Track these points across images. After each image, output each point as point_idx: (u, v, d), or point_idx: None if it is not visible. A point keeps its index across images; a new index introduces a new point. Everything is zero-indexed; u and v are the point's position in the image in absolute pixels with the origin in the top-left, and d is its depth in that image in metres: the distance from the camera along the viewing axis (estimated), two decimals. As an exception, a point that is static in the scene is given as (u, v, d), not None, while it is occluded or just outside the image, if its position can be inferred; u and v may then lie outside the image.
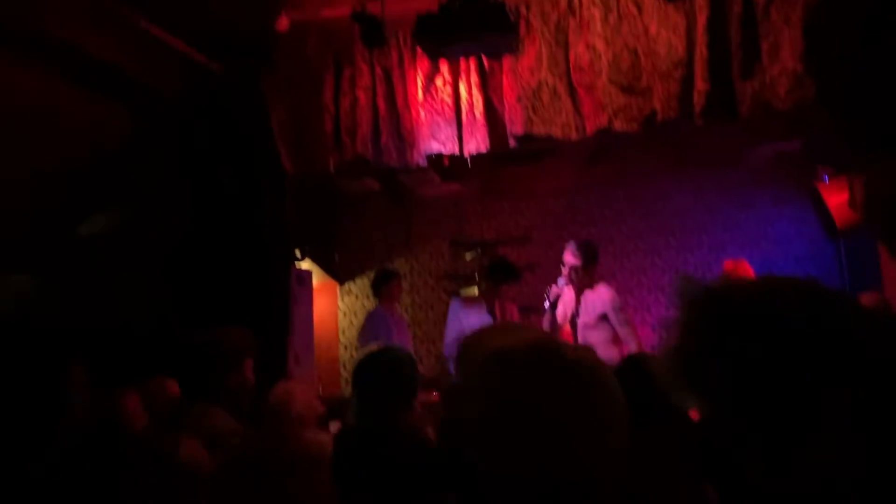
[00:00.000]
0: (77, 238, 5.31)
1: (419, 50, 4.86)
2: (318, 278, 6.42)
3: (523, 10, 4.77)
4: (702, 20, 4.42)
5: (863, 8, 3.71)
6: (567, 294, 4.89)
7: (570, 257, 4.79)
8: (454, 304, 5.72)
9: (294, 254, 5.44)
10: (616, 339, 4.70)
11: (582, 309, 4.83)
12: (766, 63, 4.37)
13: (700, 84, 4.43)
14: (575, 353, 1.02)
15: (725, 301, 1.00)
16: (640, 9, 4.61)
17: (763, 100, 4.40)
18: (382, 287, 5.79)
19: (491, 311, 5.67)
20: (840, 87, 3.84)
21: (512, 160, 6.52)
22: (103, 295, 5.20)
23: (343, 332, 7.02)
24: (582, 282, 4.81)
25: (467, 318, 5.54)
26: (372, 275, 6.16)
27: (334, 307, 7.02)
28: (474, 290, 6.56)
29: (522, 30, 4.78)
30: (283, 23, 4.70)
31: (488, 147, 5.10)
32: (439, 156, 5.24)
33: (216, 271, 5.01)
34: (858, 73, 3.67)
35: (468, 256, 6.94)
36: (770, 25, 4.37)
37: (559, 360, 1.01)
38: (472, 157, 5.22)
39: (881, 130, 3.65)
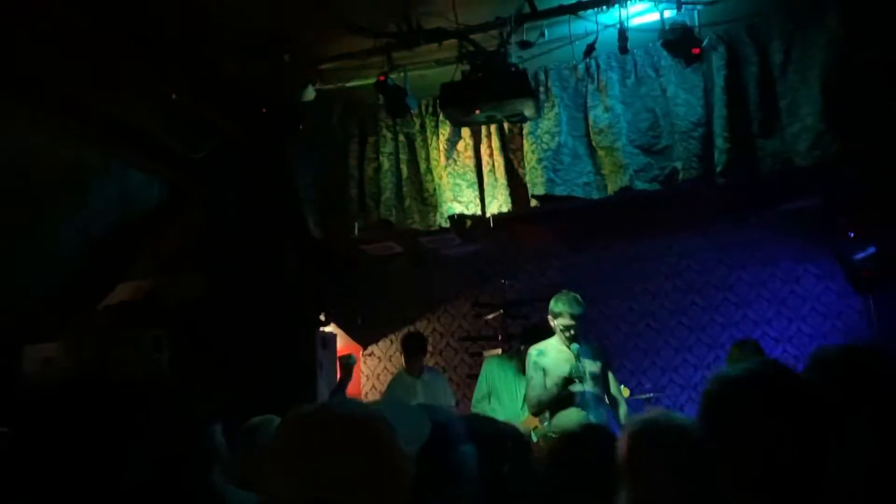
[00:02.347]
0: (102, 306, 5.39)
1: (441, 116, 4.98)
2: (341, 342, 6.42)
3: (542, 76, 4.88)
4: (719, 81, 4.50)
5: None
6: None
7: None
8: (488, 364, 5.66)
9: (318, 318, 5.46)
10: None
11: None
12: (785, 121, 4.42)
13: (720, 143, 4.48)
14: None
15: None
16: (657, 71, 4.71)
17: (784, 157, 4.43)
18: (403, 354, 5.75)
19: (523, 371, 5.62)
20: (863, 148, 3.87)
21: (535, 219, 6.56)
22: (126, 359, 5.24)
23: (366, 397, 6.97)
24: None
25: (502, 380, 5.47)
26: (395, 338, 6.16)
27: (357, 371, 6.99)
28: (498, 352, 6.50)
29: (542, 95, 4.88)
30: (310, 92, 4.83)
31: (510, 208, 5.14)
32: (462, 217, 5.29)
33: (242, 336, 5.04)
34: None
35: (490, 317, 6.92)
36: (788, 84, 4.44)
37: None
38: (493, 217, 5.26)
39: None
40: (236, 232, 5.21)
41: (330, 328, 5.87)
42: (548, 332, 5.43)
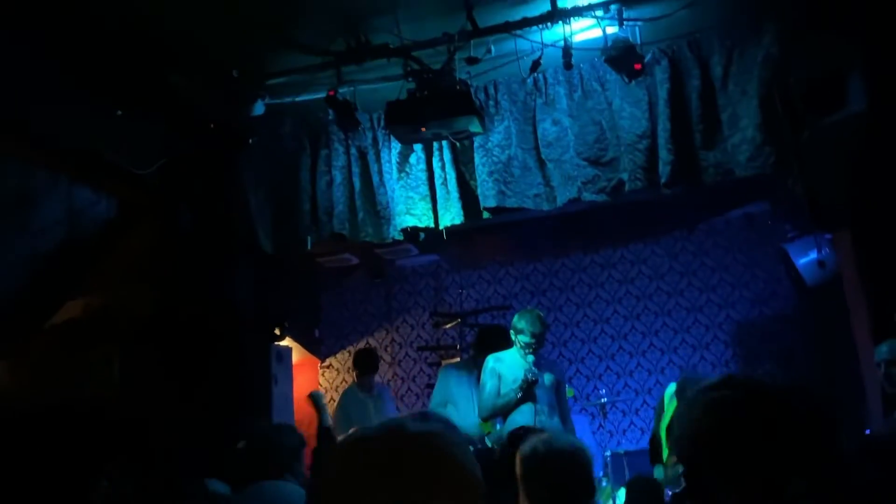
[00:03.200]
0: (48, 325, 5.30)
1: (392, 130, 5.01)
2: (298, 355, 6.41)
3: (492, 90, 4.95)
4: (662, 94, 4.61)
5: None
6: None
7: None
8: (445, 372, 5.70)
9: (273, 332, 5.44)
10: None
11: None
12: (726, 133, 4.54)
13: (664, 154, 4.58)
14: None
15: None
16: (603, 85, 4.80)
17: (725, 168, 4.56)
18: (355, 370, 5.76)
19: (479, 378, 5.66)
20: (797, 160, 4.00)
21: (488, 230, 6.63)
22: (76, 376, 5.16)
23: (324, 409, 6.97)
24: None
25: (458, 387, 5.52)
26: (354, 349, 6.17)
27: (315, 383, 6.97)
28: (456, 360, 6.55)
29: (492, 108, 4.95)
30: (260, 107, 4.83)
31: (463, 220, 5.19)
32: (415, 229, 5.32)
33: (194, 352, 5.00)
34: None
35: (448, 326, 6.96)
36: (728, 97, 4.56)
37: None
38: (447, 229, 5.31)
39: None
40: (188, 247, 5.17)
41: (286, 342, 5.85)
42: (499, 336, 5.51)
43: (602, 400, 5.77)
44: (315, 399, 5.13)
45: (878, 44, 4.22)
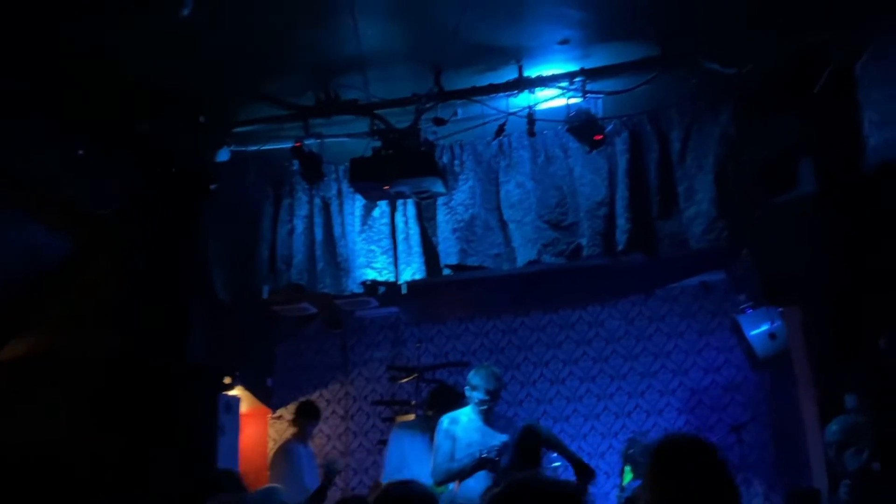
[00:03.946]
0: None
1: (357, 183, 5.03)
2: (249, 405, 6.27)
3: (458, 150, 5.02)
4: (622, 164, 4.73)
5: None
6: None
7: None
8: (396, 434, 5.62)
9: (223, 381, 5.33)
10: None
11: None
12: (682, 205, 4.66)
13: (622, 222, 4.68)
14: None
15: None
16: (566, 152, 4.90)
17: (680, 238, 4.66)
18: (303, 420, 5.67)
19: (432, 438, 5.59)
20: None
21: (449, 286, 6.64)
22: (22, 418, 4.99)
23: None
24: None
25: (412, 448, 5.45)
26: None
27: (264, 435, 6.81)
28: (411, 417, 6.47)
29: (457, 167, 5.01)
30: (224, 153, 4.82)
31: (424, 275, 5.20)
32: (375, 283, 5.31)
33: (141, 398, 4.87)
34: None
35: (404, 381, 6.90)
36: (685, 171, 4.69)
37: None
38: (408, 283, 5.30)
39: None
40: (142, 291, 5.07)
41: (236, 391, 5.73)
42: (454, 396, 5.46)
43: (555, 464, 5.72)
44: (328, 467, 5.06)
45: (830, 128, 4.41)
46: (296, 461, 5.31)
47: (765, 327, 5.68)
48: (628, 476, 5.60)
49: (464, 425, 4.86)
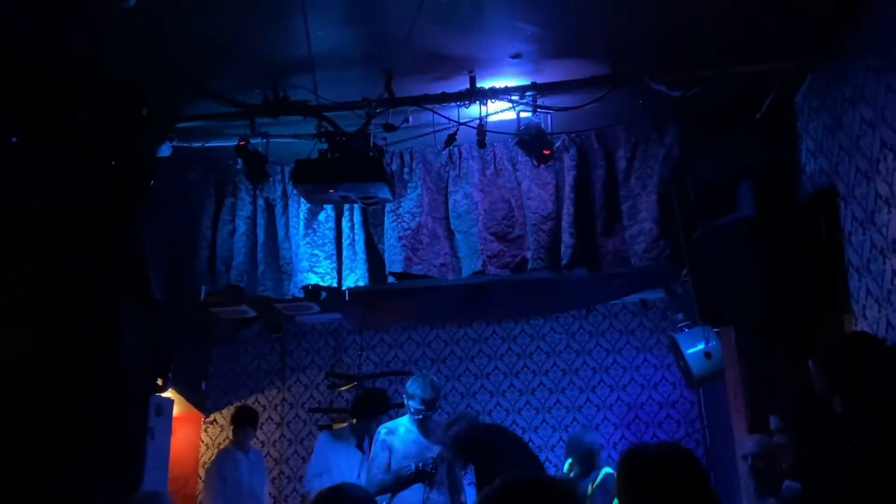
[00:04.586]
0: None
1: (303, 185, 4.94)
2: (181, 408, 6.09)
3: (407, 157, 4.99)
4: (569, 180, 4.77)
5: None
6: None
7: None
8: (322, 439, 5.54)
9: (155, 383, 5.16)
10: None
11: None
12: (625, 223, 4.73)
13: (566, 238, 4.71)
14: None
15: None
16: (514, 165, 4.93)
17: (622, 256, 4.72)
18: (240, 425, 5.53)
19: (360, 447, 5.52)
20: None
21: (393, 294, 6.59)
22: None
23: (203, 466, 6.60)
24: None
25: (335, 455, 5.37)
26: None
27: (196, 439, 6.62)
28: (344, 426, 6.38)
29: (406, 175, 4.98)
30: (166, 148, 4.68)
31: (367, 282, 5.14)
32: (317, 288, 5.22)
33: (68, 399, 4.66)
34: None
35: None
36: (629, 189, 4.77)
37: None
38: (350, 290, 5.23)
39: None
40: (74, 288, 4.87)
41: (168, 393, 5.56)
42: (377, 403, 5.41)
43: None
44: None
45: (771, 153, 4.54)
46: (233, 468, 5.16)
47: (700, 346, 5.77)
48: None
49: (401, 436, 4.81)
